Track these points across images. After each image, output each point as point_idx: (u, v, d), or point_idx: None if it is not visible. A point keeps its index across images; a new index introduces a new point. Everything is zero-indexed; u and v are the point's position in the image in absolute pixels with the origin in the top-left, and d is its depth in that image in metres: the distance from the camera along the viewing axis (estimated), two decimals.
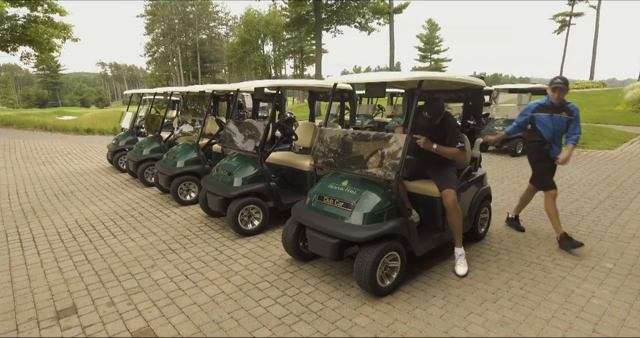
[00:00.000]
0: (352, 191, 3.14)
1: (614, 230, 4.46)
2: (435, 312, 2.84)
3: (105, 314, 2.86)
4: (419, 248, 3.20)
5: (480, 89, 3.91)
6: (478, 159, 4.00)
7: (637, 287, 3.16)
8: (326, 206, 3.22)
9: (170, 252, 3.99)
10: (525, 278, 3.33)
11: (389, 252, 2.96)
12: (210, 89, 6.00)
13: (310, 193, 3.45)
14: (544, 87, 10.30)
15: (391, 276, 3.08)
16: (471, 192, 3.86)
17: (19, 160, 9.67)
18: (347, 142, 3.43)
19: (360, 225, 2.95)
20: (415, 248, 3.17)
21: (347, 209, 3.05)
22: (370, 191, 3.09)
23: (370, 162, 3.12)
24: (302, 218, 3.32)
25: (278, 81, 4.95)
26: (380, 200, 3.03)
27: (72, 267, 3.67)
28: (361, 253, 2.91)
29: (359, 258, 2.92)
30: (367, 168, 3.11)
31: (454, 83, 3.58)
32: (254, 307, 2.92)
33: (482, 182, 4.06)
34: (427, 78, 3.03)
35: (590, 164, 8.37)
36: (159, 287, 3.26)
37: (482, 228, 4.18)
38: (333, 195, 3.22)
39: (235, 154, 4.85)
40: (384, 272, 3.01)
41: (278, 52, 53.40)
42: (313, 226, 3.18)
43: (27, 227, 4.82)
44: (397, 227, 2.98)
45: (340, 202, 3.13)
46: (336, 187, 3.27)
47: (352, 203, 3.05)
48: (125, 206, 5.63)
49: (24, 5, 17.09)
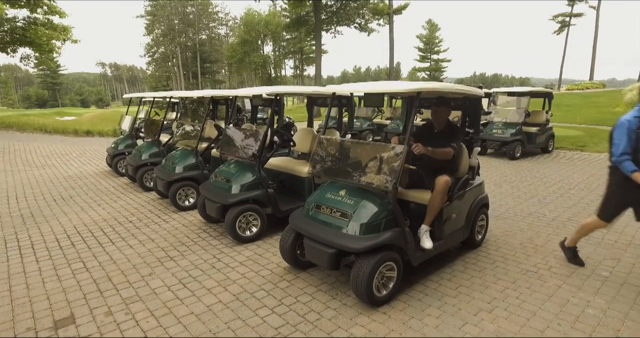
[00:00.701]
0: (350, 201, 3.15)
1: (610, 236, 4.48)
2: (430, 322, 2.85)
3: (103, 324, 2.87)
4: (415, 258, 3.21)
5: (479, 98, 3.93)
6: (476, 167, 4.01)
7: (632, 296, 3.18)
8: (324, 215, 3.23)
9: (169, 259, 4.00)
10: (522, 287, 3.35)
11: (385, 263, 2.97)
12: (209, 94, 6.01)
13: (308, 201, 3.46)
14: (543, 91, 10.36)
15: (388, 286, 3.09)
16: (469, 200, 3.87)
17: (18, 163, 9.68)
18: (345, 151, 3.46)
19: (357, 235, 2.97)
20: (412, 258, 3.19)
21: (345, 219, 3.07)
22: (367, 201, 3.10)
23: (368, 172, 3.13)
24: (299, 227, 3.33)
25: (276, 88, 4.96)
26: (377, 211, 3.03)
27: (71, 275, 3.68)
28: (358, 264, 2.93)
29: (355, 268, 2.93)
30: (365, 178, 3.13)
31: (453, 93, 3.60)
32: (250, 317, 2.93)
33: (480, 190, 4.08)
34: (426, 89, 3.05)
35: (589, 167, 8.38)
36: (157, 296, 3.27)
37: (479, 236, 4.20)
38: (330, 204, 3.23)
39: (234, 160, 4.87)
40: (380, 281, 3.02)
41: (278, 53, 53.44)
42: (310, 235, 3.19)
43: (26, 233, 4.83)
44: (394, 238, 2.99)
45: (338, 211, 3.14)
46: (334, 196, 3.28)
47: (350, 213, 3.06)
48: (123, 211, 5.64)
49: (24, 7, 17.11)
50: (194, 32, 57.14)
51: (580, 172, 7.92)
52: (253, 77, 57.60)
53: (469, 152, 3.92)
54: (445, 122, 3.81)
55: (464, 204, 3.79)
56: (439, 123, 3.82)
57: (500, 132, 9.54)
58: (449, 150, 3.51)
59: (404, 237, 3.07)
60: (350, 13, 30.37)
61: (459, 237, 3.81)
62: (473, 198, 3.93)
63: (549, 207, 5.61)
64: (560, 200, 5.94)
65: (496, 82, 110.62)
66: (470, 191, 3.87)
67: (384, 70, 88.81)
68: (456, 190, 3.59)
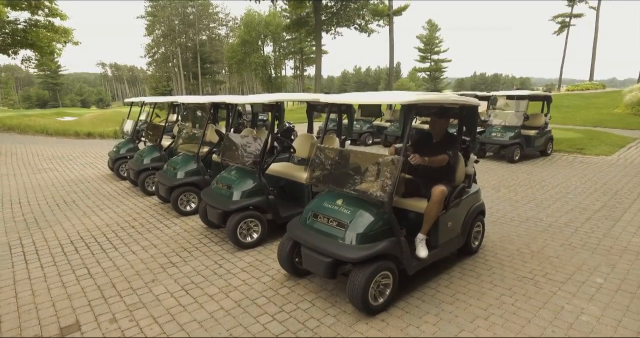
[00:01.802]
0: (347, 210, 3.20)
1: (606, 242, 4.54)
2: (428, 329, 2.92)
3: (107, 331, 2.94)
4: (411, 267, 3.27)
5: (476, 108, 3.98)
6: (472, 176, 4.07)
7: (625, 303, 3.24)
8: (321, 224, 3.29)
9: (171, 265, 4.07)
10: (517, 294, 3.41)
11: (381, 272, 3.03)
12: (210, 100, 6.08)
13: (306, 210, 3.52)
14: (542, 94, 10.42)
15: (384, 294, 3.14)
16: (465, 208, 3.92)
17: (20, 167, 9.75)
18: (342, 160, 3.51)
19: (353, 245, 3.02)
20: (408, 267, 3.24)
21: (341, 229, 3.12)
22: (364, 211, 3.15)
23: (364, 182, 3.18)
24: (297, 235, 3.39)
25: (276, 95, 5.03)
26: (373, 220, 3.09)
27: (75, 281, 3.76)
28: (354, 273, 2.99)
29: (351, 277, 2.99)
30: (361, 187, 3.18)
31: (449, 103, 3.66)
32: (252, 324, 3.00)
33: (476, 198, 4.13)
34: (422, 102, 3.11)
35: (587, 170, 8.44)
36: (160, 302, 3.34)
37: (476, 242, 4.25)
38: (328, 213, 3.29)
39: (235, 166, 4.93)
40: (376, 290, 3.08)
41: (278, 53, 53.48)
42: (307, 244, 3.25)
43: (30, 238, 4.90)
44: (390, 248, 3.05)
45: (335, 221, 3.20)
46: (331, 206, 3.34)
47: (346, 223, 3.11)
48: (126, 216, 5.71)
49: (25, 9, 17.17)
50: (194, 33, 57.24)
51: (579, 175, 7.98)
52: (253, 77, 57.66)
53: (465, 160, 3.97)
54: (443, 132, 3.88)
55: (460, 212, 3.85)
56: (437, 133, 3.90)
57: (499, 136, 9.60)
58: (444, 157, 3.59)
59: (399, 247, 3.12)
60: (350, 14, 30.48)
61: (455, 244, 3.86)
62: (469, 206, 3.99)
63: (546, 212, 5.68)
64: (558, 205, 6.00)
65: (496, 82, 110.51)
66: (467, 199, 3.92)
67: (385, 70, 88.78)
68: (452, 198, 3.64)
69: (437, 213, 3.42)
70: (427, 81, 70.03)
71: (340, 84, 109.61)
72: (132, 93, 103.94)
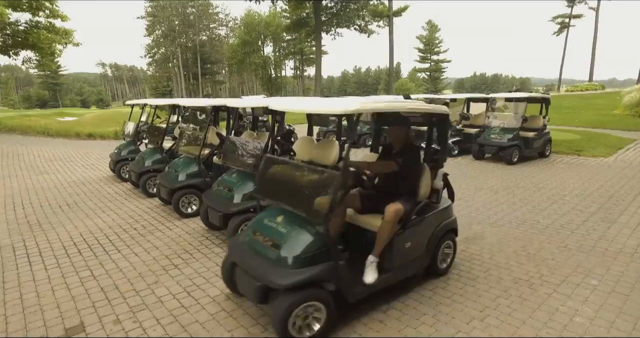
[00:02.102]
0: (283, 229, 2.95)
1: (602, 244, 4.61)
2: (425, 330, 2.99)
3: (112, 332, 3.01)
4: (352, 295, 2.92)
5: (446, 116, 3.65)
6: (441, 190, 3.73)
7: (618, 304, 3.31)
8: (256, 243, 3.05)
9: (173, 267, 4.14)
10: (513, 296, 3.48)
11: (307, 302, 2.69)
12: (210, 104, 6.14)
13: (249, 225, 3.30)
14: (540, 96, 10.50)
15: (312, 328, 2.77)
16: (429, 227, 3.57)
17: (22, 168, 9.83)
18: (285, 173, 3.23)
19: (285, 269, 2.73)
20: (348, 294, 2.90)
21: (275, 250, 2.86)
22: (302, 230, 2.89)
23: (303, 198, 2.85)
24: (233, 254, 3.22)
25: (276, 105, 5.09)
26: (310, 242, 2.79)
27: (79, 283, 3.82)
28: (277, 301, 2.69)
29: (273, 305, 2.72)
30: (300, 204, 2.89)
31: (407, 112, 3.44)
32: (253, 325, 3.07)
33: (446, 214, 3.77)
34: (367, 110, 2.92)
35: (585, 172, 8.50)
36: (163, 304, 3.41)
37: (444, 264, 3.84)
38: (265, 231, 3.05)
39: (236, 169, 4.99)
40: (303, 322, 2.74)
41: (278, 54, 53.58)
42: (241, 265, 3.05)
43: (34, 240, 4.97)
44: (324, 273, 2.73)
45: (270, 241, 2.95)
46: (270, 223, 3.09)
47: (281, 243, 2.85)
48: (128, 218, 5.78)
49: (26, 10, 17.26)
50: (194, 33, 57.24)
51: (576, 177, 8.05)
52: (253, 77, 57.75)
53: (433, 173, 3.62)
54: (402, 142, 3.52)
55: (423, 231, 3.51)
56: (395, 143, 3.56)
57: (497, 137, 9.67)
58: (389, 163, 3.34)
59: (336, 272, 2.78)
60: (350, 15, 30.59)
61: (416, 267, 3.52)
62: (436, 224, 3.63)
63: (543, 214, 5.75)
64: (555, 207, 6.07)
65: (496, 82, 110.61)
66: (433, 216, 3.58)
67: (384, 70, 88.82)
68: (413, 216, 3.34)
69: (391, 233, 3.11)
70: (427, 81, 70.17)
71: (340, 84, 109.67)
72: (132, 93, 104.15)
